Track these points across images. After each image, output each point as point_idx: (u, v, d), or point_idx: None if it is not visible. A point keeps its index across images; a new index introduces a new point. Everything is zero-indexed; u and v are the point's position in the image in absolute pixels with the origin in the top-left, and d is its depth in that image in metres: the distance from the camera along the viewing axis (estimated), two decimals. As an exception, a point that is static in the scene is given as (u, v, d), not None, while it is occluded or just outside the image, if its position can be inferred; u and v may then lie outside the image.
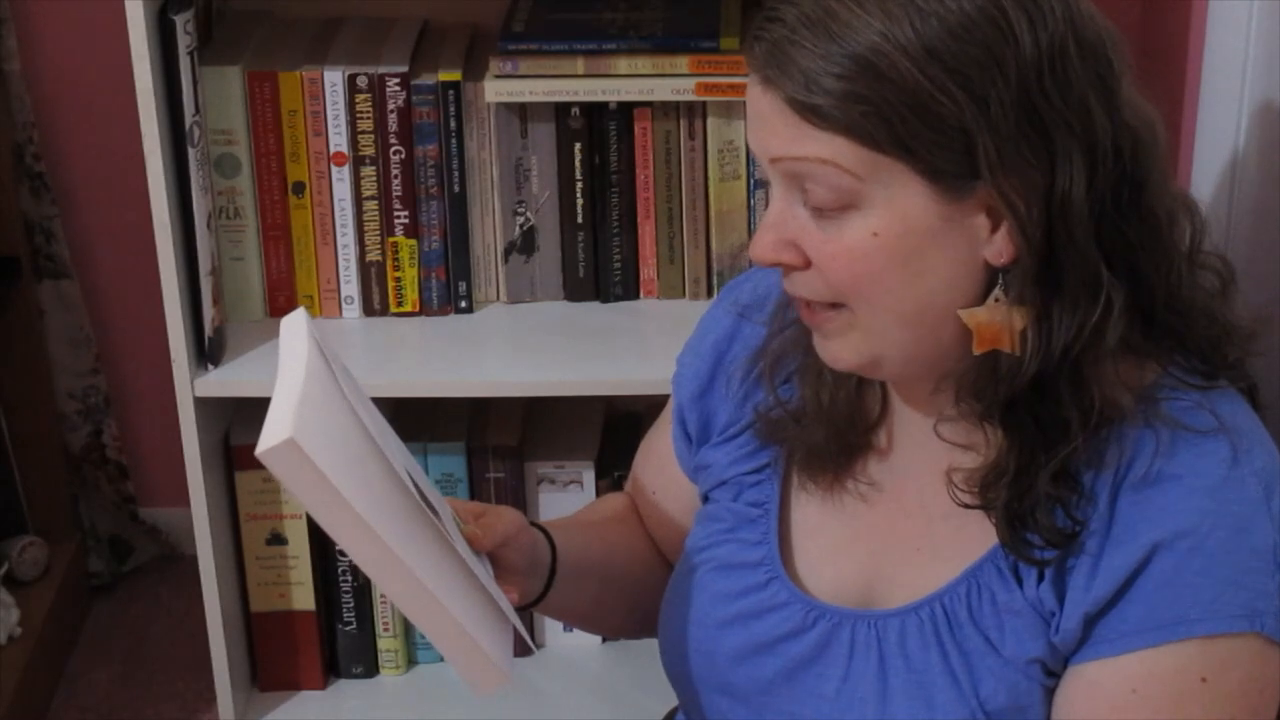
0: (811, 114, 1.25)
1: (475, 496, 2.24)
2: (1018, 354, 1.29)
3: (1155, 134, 1.31)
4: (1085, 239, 1.27)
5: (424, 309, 2.19)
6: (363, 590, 2.28)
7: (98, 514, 2.67)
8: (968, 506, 1.35)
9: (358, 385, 1.40)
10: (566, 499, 2.26)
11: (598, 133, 2.13)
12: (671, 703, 1.60)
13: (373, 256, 2.16)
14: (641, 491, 1.65)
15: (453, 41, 2.19)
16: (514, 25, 2.11)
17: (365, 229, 2.15)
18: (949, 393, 1.34)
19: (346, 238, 2.16)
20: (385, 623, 2.30)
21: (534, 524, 1.53)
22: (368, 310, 2.19)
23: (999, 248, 1.28)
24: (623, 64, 2.07)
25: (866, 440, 1.44)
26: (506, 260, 2.19)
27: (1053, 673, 1.36)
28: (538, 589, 1.52)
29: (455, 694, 2.28)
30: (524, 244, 2.18)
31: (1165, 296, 1.33)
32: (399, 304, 2.18)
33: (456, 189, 2.14)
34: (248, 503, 2.21)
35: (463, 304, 2.19)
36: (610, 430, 2.35)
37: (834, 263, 1.29)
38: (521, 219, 2.17)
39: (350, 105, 2.10)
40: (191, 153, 2.00)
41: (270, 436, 1.22)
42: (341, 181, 2.13)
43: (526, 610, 1.52)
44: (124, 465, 2.67)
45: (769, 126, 1.28)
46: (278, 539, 2.23)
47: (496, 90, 2.08)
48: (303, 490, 1.24)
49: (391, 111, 2.11)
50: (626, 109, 2.12)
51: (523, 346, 2.13)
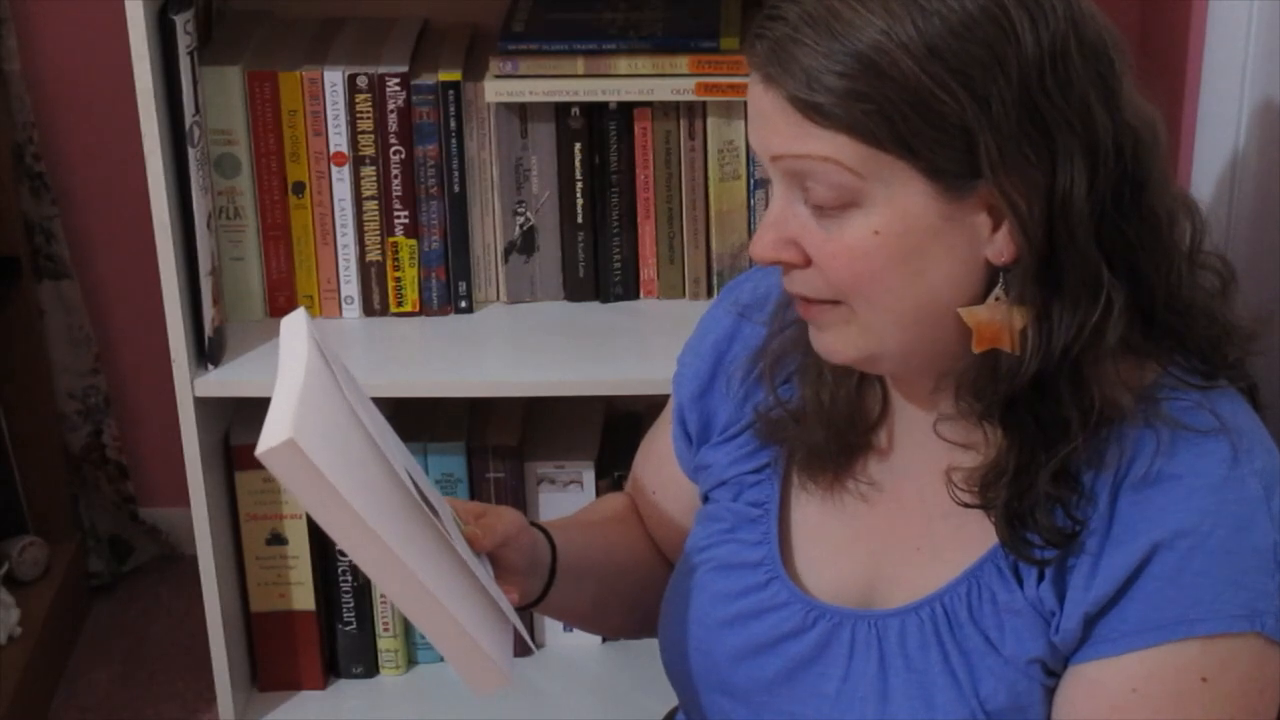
0: (813, 112, 1.25)
1: (475, 496, 2.24)
2: (1018, 353, 1.29)
3: (1156, 134, 1.31)
4: (1086, 238, 1.27)
5: (424, 309, 2.19)
6: (363, 590, 2.28)
7: (98, 514, 2.67)
8: (967, 506, 1.35)
9: (358, 385, 1.40)
10: (566, 499, 2.26)
11: (598, 133, 2.13)
12: (671, 703, 1.60)
13: (373, 256, 2.16)
14: (641, 491, 1.65)
15: (453, 41, 2.19)
16: (514, 25, 2.11)
17: (365, 229, 2.15)
18: (949, 391, 1.34)
19: (346, 238, 2.15)
20: (385, 623, 2.30)
21: (534, 524, 1.52)
22: (368, 310, 2.19)
23: (1000, 247, 1.28)
24: (623, 64, 2.07)
25: (866, 440, 1.44)
26: (506, 260, 2.18)
27: (1053, 672, 1.35)
28: (538, 589, 1.52)
29: (455, 694, 2.27)
30: (524, 244, 2.18)
31: (1165, 296, 1.33)
32: (399, 304, 2.18)
33: (456, 189, 2.14)
34: (248, 503, 2.21)
35: (463, 304, 2.19)
36: (610, 430, 2.35)
37: (835, 261, 1.29)
38: (521, 219, 2.17)
39: (350, 105, 2.10)
40: (191, 153, 2.00)
41: (270, 437, 1.22)
42: (341, 181, 2.13)
43: (526, 610, 1.52)
44: (124, 465, 2.66)
45: (770, 125, 1.28)
46: (278, 539, 2.23)
47: (496, 90, 2.08)
48: (302, 490, 1.24)
49: (391, 111, 2.10)
50: (626, 109, 2.12)
51: (523, 346, 2.13)
